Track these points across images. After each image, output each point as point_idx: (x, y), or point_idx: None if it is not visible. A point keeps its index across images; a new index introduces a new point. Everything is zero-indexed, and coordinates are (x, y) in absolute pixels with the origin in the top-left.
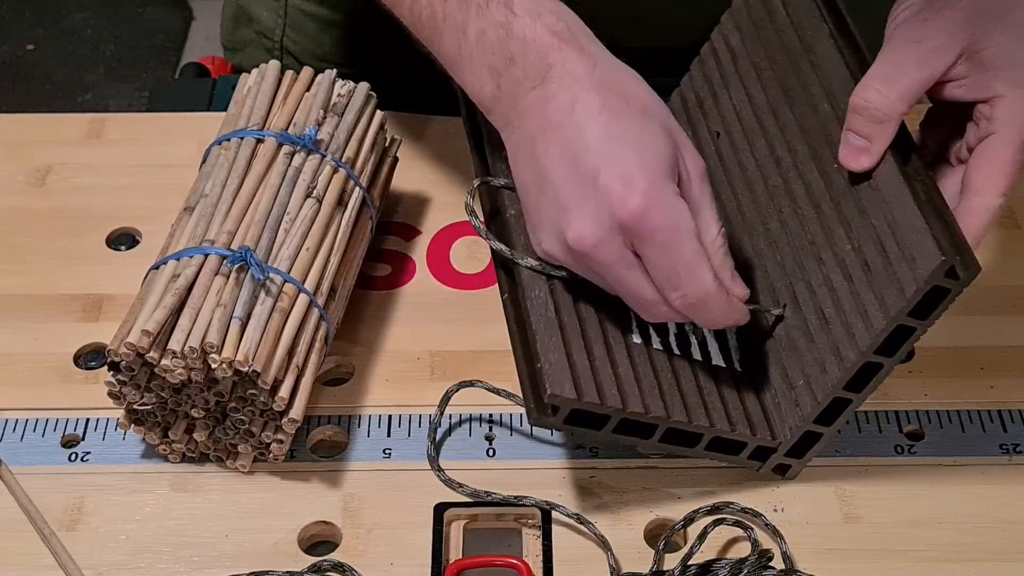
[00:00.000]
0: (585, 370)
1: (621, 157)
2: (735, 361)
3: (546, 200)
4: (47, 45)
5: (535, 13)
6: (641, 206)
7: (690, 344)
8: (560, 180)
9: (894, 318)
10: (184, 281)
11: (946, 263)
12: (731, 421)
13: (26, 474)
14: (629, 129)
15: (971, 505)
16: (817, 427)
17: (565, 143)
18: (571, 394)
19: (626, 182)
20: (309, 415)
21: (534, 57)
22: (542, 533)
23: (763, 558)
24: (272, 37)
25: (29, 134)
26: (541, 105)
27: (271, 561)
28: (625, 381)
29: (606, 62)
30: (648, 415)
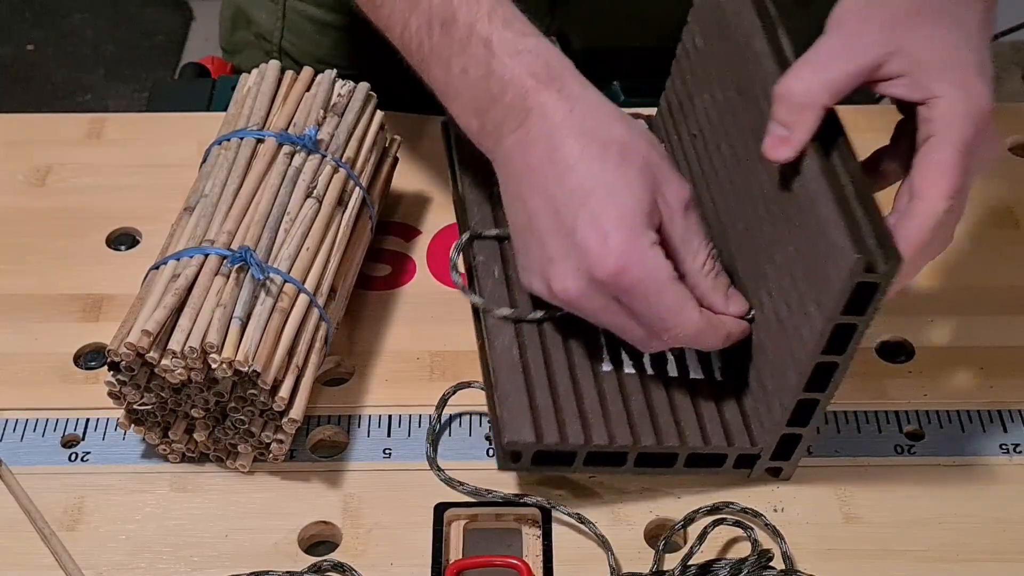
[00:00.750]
0: (547, 410)
1: (597, 211)
2: (715, 370)
3: (533, 244)
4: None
5: (514, 52)
6: (616, 265)
7: (666, 362)
8: (544, 229)
9: (830, 318)
10: (184, 281)
11: (862, 260)
12: (705, 436)
13: (26, 474)
14: (605, 178)
15: (971, 505)
16: (793, 429)
17: (545, 192)
18: (529, 438)
19: (601, 239)
20: (309, 415)
21: (513, 99)
22: (542, 533)
23: (763, 558)
24: (270, 39)
25: (29, 134)
26: (522, 149)
27: (271, 561)
28: (591, 414)
29: (586, 102)
30: (613, 445)
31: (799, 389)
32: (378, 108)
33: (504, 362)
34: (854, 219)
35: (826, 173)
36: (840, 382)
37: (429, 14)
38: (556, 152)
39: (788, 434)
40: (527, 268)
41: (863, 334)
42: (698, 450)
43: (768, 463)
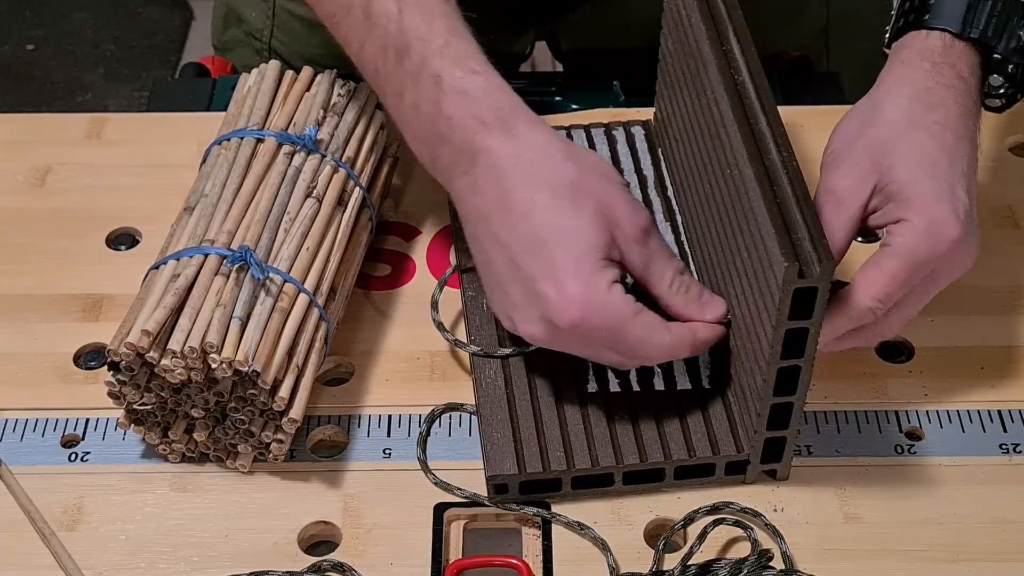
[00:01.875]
0: (530, 439)
1: (552, 259)
2: (704, 379)
3: (496, 288)
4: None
5: (463, 92)
6: (577, 314)
7: (653, 375)
8: (504, 275)
9: (778, 325)
10: (184, 281)
11: (794, 267)
12: (690, 448)
13: (26, 474)
14: (558, 224)
15: (971, 505)
16: (775, 433)
17: (500, 240)
18: (512, 469)
19: (559, 289)
20: (309, 415)
21: (462, 142)
22: (542, 533)
23: (763, 558)
24: (261, 38)
25: (29, 134)
26: (473, 195)
27: (271, 561)
28: (574, 439)
29: (533, 146)
30: (596, 468)
31: (769, 394)
32: (378, 108)
33: (489, 395)
34: (788, 225)
35: (760, 180)
36: (809, 383)
37: (384, 40)
38: (507, 201)
39: (772, 437)
40: (495, 307)
41: (818, 335)
42: (684, 462)
43: (760, 467)
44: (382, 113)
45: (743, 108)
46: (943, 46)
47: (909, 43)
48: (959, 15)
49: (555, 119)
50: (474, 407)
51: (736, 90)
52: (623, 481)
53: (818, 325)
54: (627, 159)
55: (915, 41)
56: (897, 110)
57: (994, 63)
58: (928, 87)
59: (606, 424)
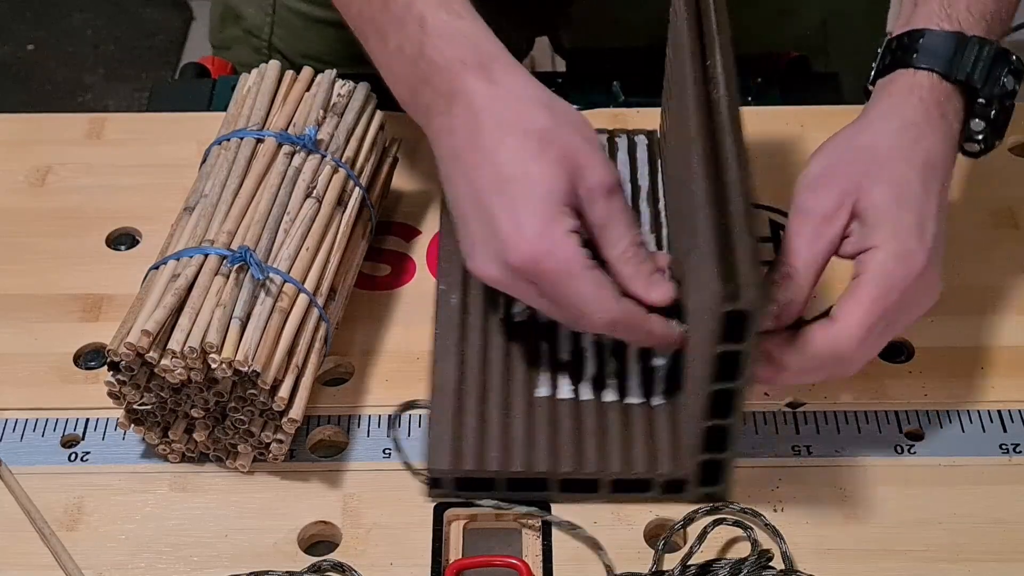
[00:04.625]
0: (471, 436)
1: (513, 199)
2: (656, 394)
3: (461, 226)
4: (47, 45)
5: (447, 36)
6: (530, 254)
7: (605, 386)
8: (468, 213)
9: (713, 347)
10: (184, 281)
11: (726, 289)
12: (628, 461)
13: (26, 474)
14: (523, 167)
15: (971, 505)
16: (712, 455)
17: (468, 178)
18: (447, 464)
19: (516, 227)
20: (309, 415)
21: (441, 82)
22: (542, 533)
23: (763, 558)
24: (260, 35)
25: (29, 134)
26: (447, 134)
27: (271, 561)
28: (514, 440)
29: (510, 90)
30: (531, 471)
31: (705, 416)
32: (378, 108)
33: (440, 390)
34: (730, 246)
35: (710, 198)
36: (743, 409)
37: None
38: (477, 140)
39: (709, 460)
40: (461, 246)
41: (750, 359)
42: (620, 475)
43: (698, 488)
44: (382, 113)
45: (712, 124)
46: (930, 85)
47: (897, 79)
48: (946, 57)
49: None
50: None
51: (708, 105)
52: (559, 488)
53: (751, 350)
54: (625, 168)
55: (903, 78)
56: (883, 140)
57: (977, 108)
58: (915, 122)
59: (549, 430)
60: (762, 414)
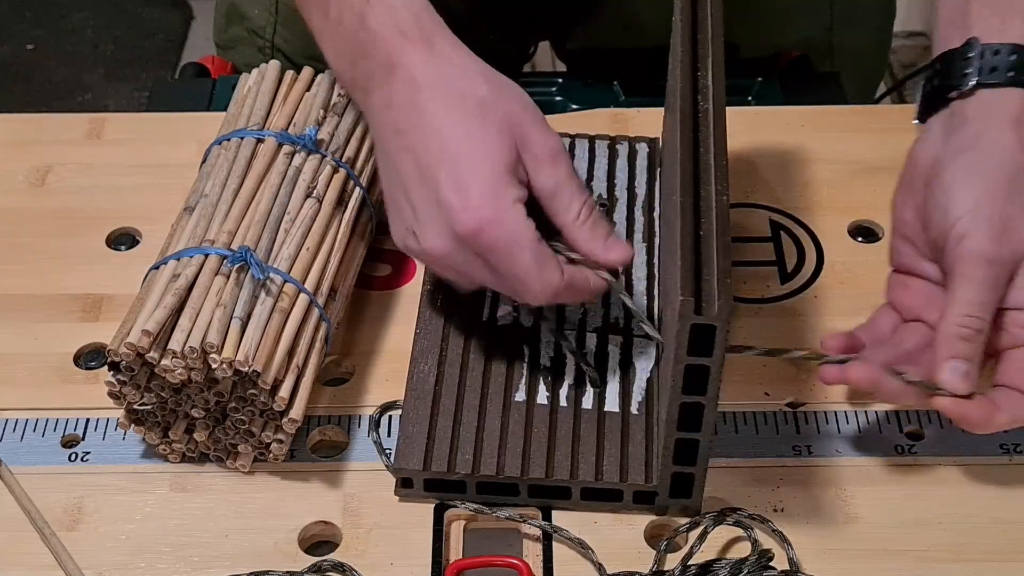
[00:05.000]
0: (444, 438)
1: (458, 171)
2: (634, 404)
3: (404, 203)
4: (47, 45)
5: (389, 6)
6: (476, 223)
7: (584, 393)
8: (412, 189)
9: (678, 360)
10: (184, 281)
11: (689, 302)
12: (599, 470)
13: (26, 474)
14: (467, 138)
15: (971, 505)
16: (681, 468)
17: (411, 152)
18: (417, 465)
19: (463, 198)
20: (309, 415)
21: (381, 54)
22: (542, 533)
23: (763, 558)
24: (263, 35)
25: (29, 134)
26: (386, 109)
27: (271, 561)
28: (487, 444)
29: (451, 62)
30: (500, 476)
31: (673, 428)
32: None
33: (416, 390)
34: (701, 260)
35: (685, 211)
36: (713, 423)
37: None
38: (420, 113)
39: (679, 473)
40: (400, 226)
41: (719, 375)
42: (589, 484)
43: (668, 500)
44: None
45: (696, 136)
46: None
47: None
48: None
49: (555, 119)
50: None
51: (695, 117)
52: (529, 494)
53: (719, 364)
54: (623, 174)
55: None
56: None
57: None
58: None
59: (523, 434)
60: (762, 414)
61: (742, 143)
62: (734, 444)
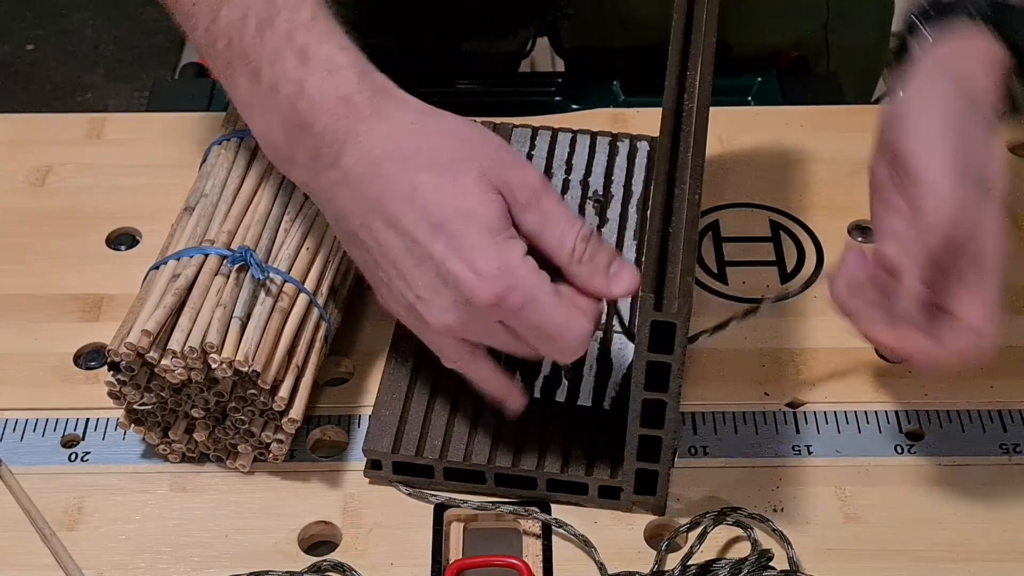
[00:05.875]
0: (415, 424)
1: (455, 240)
2: (607, 400)
3: (395, 279)
4: (47, 45)
5: (330, 69)
6: (495, 292)
7: (558, 386)
8: (404, 265)
9: (639, 356)
10: (184, 281)
11: (649, 298)
12: (565, 463)
13: (26, 474)
14: (451, 202)
15: (971, 505)
16: (645, 464)
17: (394, 227)
18: (387, 448)
19: (471, 268)
20: (309, 415)
21: (325, 127)
22: (542, 533)
23: (763, 558)
24: None
25: (29, 134)
26: (347, 188)
27: (271, 561)
28: (456, 431)
29: (405, 123)
30: (467, 462)
31: (636, 424)
32: None
33: (393, 374)
34: (666, 256)
35: (655, 208)
36: (676, 420)
37: (246, 9)
38: (390, 187)
39: (643, 469)
40: (393, 302)
41: (681, 373)
42: (555, 476)
43: (633, 496)
44: None
45: (676, 135)
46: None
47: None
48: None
49: (555, 119)
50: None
51: (678, 116)
52: (495, 482)
53: (679, 362)
54: (620, 171)
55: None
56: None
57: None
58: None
59: (494, 424)
60: (762, 414)
61: (742, 143)
62: (734, 444)
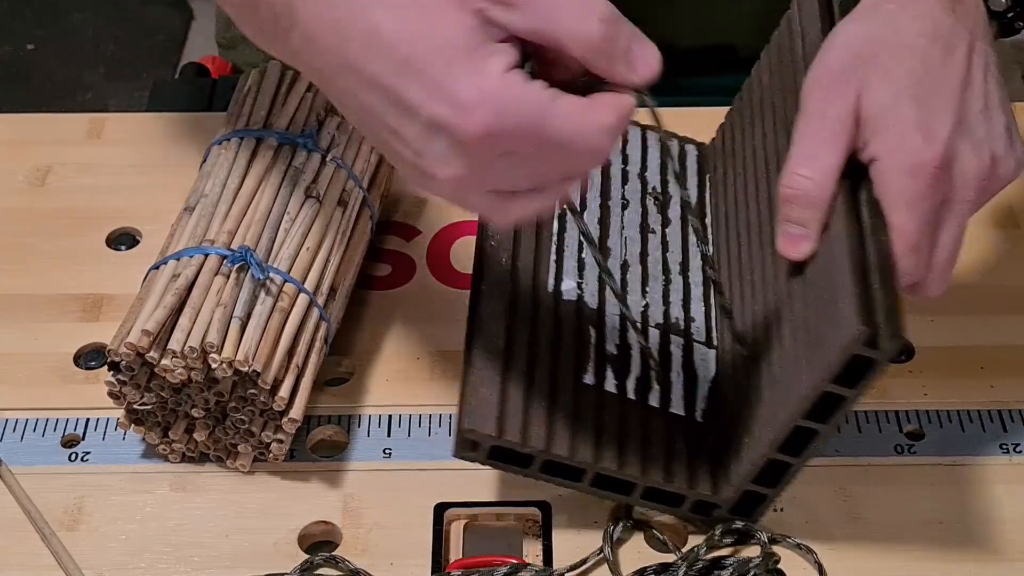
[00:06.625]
0: (516, 408)
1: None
2: (698, 411)
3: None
4: (47, 45)
5: None
6: (486, 122)
7: (650, 389)
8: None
9: (818, 385)
10: (184, 281)
11: (864, 332)
12: (669, 472)
13: (26, 474)
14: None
15: (971, 505)
16: (758, 488)
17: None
18: (491, 430)
19: (449, 103)
20: (309, 415)
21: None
22: (542, 533)
23: (769, 560)
24: None
25: (29, 134)
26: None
27: (271, 561)
28: (559, 423)
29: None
30: (573, 459)
31: (773, 448)
32: None
33: (487, 348)
34: (867, 291)
35: (850, 238)
36: (817, 451)
37: None
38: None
39: (752, 491)
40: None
41: (849, 408)
42: (657, 485)
43: (725, 515)
44: None
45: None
46: None
47: None
48: None
49: None
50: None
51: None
52: (591, 482)
53: (856, 398)
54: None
55: None
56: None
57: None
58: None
59: (593, 420)
60: None
61: None
62: None
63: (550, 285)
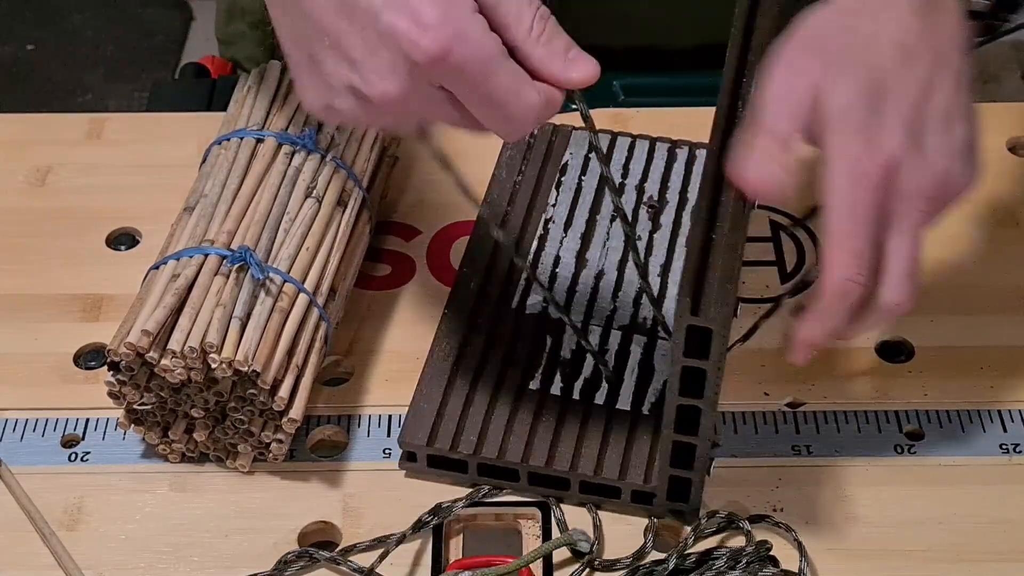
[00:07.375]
0: (452, 417)
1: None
2: (646, 405)
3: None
4: (47, 45)
5: None
6: (439, 45)
7: (597, 389)
8: (336, 30)
9: (675, 361)
10: (184, 281)
11: (687, 303)
12: (599, 466)
13: (26, 474)
14: None
15: (971, 505)
16: (680, 472)
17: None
18: (422, 441)
19: (412, 17)
20: (309, 415)
21: None
22: (542, 533)
23: (761, 548)
24: (265, 29)
25: (29, 134)
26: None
27: (271, 561)
28: (492, 427)
29: None
30: (502, 460)
31: (670, 430)
32: None
33: (435, 367)
34: (706, 263)
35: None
36: (710, 428)
37: None
38: None
39: (677, 476)
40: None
41: (718, 380)
42: (588, 478)
43: (666, 503)
44: None
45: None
46: None
47: None
48: None
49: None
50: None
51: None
52: (528, 481)
53: (715, 368)
54: (677, 178)
55: None
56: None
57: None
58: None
59: (530, 422)
60: (762, 414)
61: None
62: (733, 444)
63: (515, 302)
